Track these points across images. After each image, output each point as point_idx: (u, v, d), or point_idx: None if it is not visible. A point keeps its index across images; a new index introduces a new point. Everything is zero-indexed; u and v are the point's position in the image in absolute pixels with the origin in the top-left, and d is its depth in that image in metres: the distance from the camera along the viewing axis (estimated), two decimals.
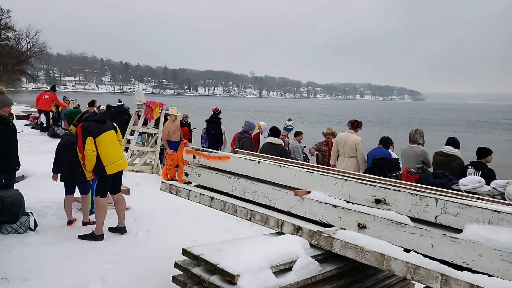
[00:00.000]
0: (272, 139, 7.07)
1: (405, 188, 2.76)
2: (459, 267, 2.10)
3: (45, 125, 14.44)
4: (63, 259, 4.08)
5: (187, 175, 3.83)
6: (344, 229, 2.63)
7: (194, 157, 3.76)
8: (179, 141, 8.77)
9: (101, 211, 4.80)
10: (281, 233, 2.85)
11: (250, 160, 3.34)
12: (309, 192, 2.88)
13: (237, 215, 3.19)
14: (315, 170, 3.28)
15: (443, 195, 2.65)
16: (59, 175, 5.29)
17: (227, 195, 3.42)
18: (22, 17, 49.54)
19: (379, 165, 5.93)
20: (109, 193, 5.00)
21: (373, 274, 3.05)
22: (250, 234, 4.95)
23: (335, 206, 2.70)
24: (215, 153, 3.68)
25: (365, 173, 5.30)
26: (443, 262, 2.16)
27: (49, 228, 5.05)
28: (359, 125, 6.92)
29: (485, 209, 2.14)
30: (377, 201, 2.56)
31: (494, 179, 5.08)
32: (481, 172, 5.33)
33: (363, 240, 2.46)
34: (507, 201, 3.93)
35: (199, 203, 3.52)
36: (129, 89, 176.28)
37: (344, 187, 2.75)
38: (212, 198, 3.38)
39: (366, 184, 2.67)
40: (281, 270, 2.44)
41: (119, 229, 5.05)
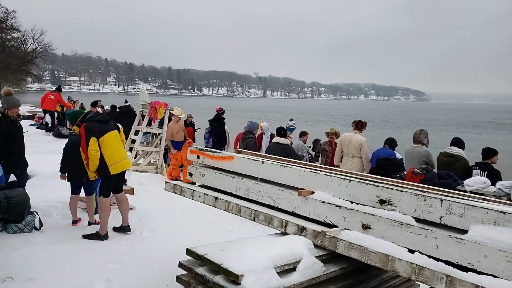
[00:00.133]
0: (279, 139, 7.07)
1: (410, 188, 2.75)
2: (464, 268, 2.10)
3: (50, 125, 14.51)
4: (68, 258, 4.10)
5: (191, 175, 3.84)
6: (348, 229, 2.62)
7: (198, 157, 3.77)
8: (183, 141, 8.78)
9: (105, 211, 4.82)
10: (285, 234, 2.85)
11: (254, 160, 3.34)
12: (313, 192, 2.88)
13: (241, 215, 3.19)
14: (319, 170, 3.28)
15: (448, 196, 2.64)
16: (66, 174, 5.31)
17: (231, 195, 3.42)
18: (27, 17, 49.77)
19: (383, 166, 5.92)
20: (112, 193, 5.01)
21: (377, 274, 3.05)
22: (254, 234, 4.96)
23: (339, 206, 2.69)
24: (219, 153, 3.68)
25: (369, 174, 5.29)
26: (448, 263, 2.15)
27: (54, 227, 5.07)
28: (363, 126, 6.90)
29: (491, 210, 2.13)
30: (382, 202, 2.55)
31: (499, 179, 5.05)
32: (486, 172, 5.30)
33: (367, 240, 2.45)
34: None
35: (203, 203, 3.52)
36: (134, 89, 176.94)
37: (348, 188, 2.74)
38: (216, 198, 3.39)
39: (370, 184, 2.66)
40: (285, 270, 2.44)
41: (123, 228, 5.06)
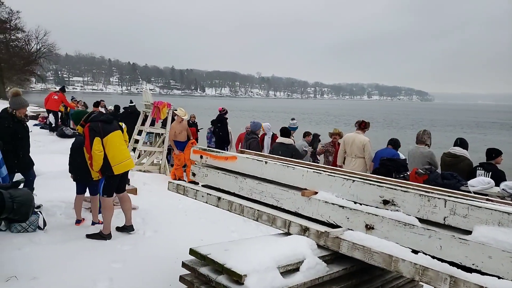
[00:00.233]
0: (283, 139, 7.09)
1: (413, 189, 2.74)
2: (468, 269, 2.09)
3: (53, 125, 14.58)
4: (71, 258, 4.12)
5: (194, 175, 3.85)
6: (351, 230, 2.62)
7: (201, 157, 3.77)
8: (186, 141, 8.80)
9: (108, 210, 4.83)
10: (288, 234, 2.85)
11: (257, 160, 3.34)
12: (316, 192, 2.88)
13: (244, 215, 3.19)
14: (323, 170, 3.27)
15: (451, 196, 2.63)
16: (72, 176, 5.32)
17: (234, 195, 3.42)
18: (31, 18, 49.99)
19: (387, 166, 5.89)
20: (115, 193, 5.03)
21: (380, 275, 3.04)
22: (257, 234, 4.95)
23: (343, 206, 2.69)
24: (222, 153, 3.68)
25: (373, 174, 5.27)
26: (452, 263, 2.14)
27: (57, 227, 5.08)
28: (366, 126, 6.89)
29: (495, 210, 2.12)
30: (385, 202, 2.54)
31: (503, 180, 5.02)
32: (491, 173, 5.27)
33: (370, 241, 2.45)
34: None
35: (206, 203, 3.52)
36: (137, 89, 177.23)
37: (351, 188, 2.74)
38: (219, 198, 3.39)
39: (374, 184, 2.65)
40: (288, 270, 2.44)
41: (127, 228, 5.07)
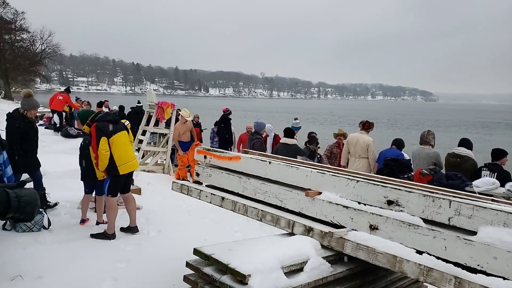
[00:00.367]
0: (286, 140, 7.11)
1: (418, 189, 2.73)
2: (473, 270, 2.08)
3: (58, 125, 14.66)
4: (76, 257, 4.13)
5: (198, 175, 3.85)
6: (355, 230, 2.61)
7: (205, 157, 3.78)
8: (190, 142, 8.87)
9: (112, 210, 4.85)
10: (292, 234, 2.84)
11: (260, 160, 3.34)
12: (320, 193, 2.87)
13: (248, 216, 3.19)
14: (327, 170, 3.27)
15: (456, 197, 2.62)
16: (80, 174, 5.34)
17: (238, 195, 3.42)
18: (36, 19, 50.26)
19: (391, 166, 5.88)
20: (119, 193, 5.04)
21: (384, 275, 3.03)
22: (260, 234, 4.95)
23: (347, 207, 2.68)
24: (226, 153, 3.68)
25: (377, 174, 5.25)
26: (457, 264, 2.13)
27: (62, 226, 5.10)
28: (370, 126, 6.87)
29: (500, 211, 2.11)
30: (389, 202, 2.54)
31: (509, 181, 4.98)
32: (496, 174, 5.24)
33: (374, 241, 2.44)
34: None
35: (210, 203, 3.53)
36: (141, 89, 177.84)
37: (355, 188, 2.73)
38: (223, 198, 3.39)
39: (378, 185, 2.65)
40: (292, 270, 2.43)
41: (131, 228, 5.08)
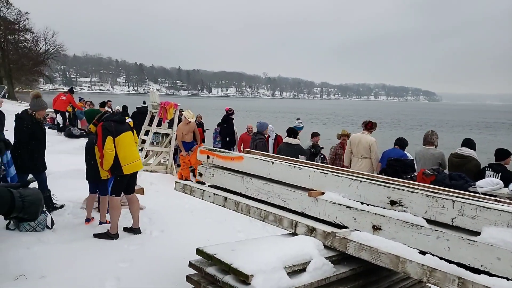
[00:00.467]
0: (289, 140, 7.15)
1: (421, 189, 2.72)
2: (477, 271, 2.07)
3: (61, 125, 14.72)
4: (79, 257, 4.14)
5: (201, 175, 3.86)
6: (358, 230, 2.61)
7: (208, 157, 3.78)
8: (192, 142, 8.94)
9: (115, 210, 4.86)
10: (295, 234, 2.84)
11: (263, 160, 3.34)
12: (323, 193, 2.87)
13: (250, 216, 3.19)
14: (329, 171, 3.26)
15: (460, 197, 2.61)
16: (84, 174, 5.36)
17: (240, 195, 3.42)
18: (40, 19, 50.49)
19: (394, 166, 5.87)
20: (123, 193, 5.05)
21: (387, 276, 3.03)
22: (263, 234, 4.95)
23: (350, 207, 2.68)
24: (229, 153, 3.68)
25: (380, 175, 5.24)
26: (460, 265, 2.12)
27: (65, 226, 5.12)
28: (373, 126, 6.86)
29: (504, 211, 2.10)
30: (392, 203, 2.53)
31: None
32: (500, 174, 5.22)
33: (377, 241, 2.44)
34: None
35: (213, 203, 3.53)
36: (144, 89, 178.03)
37: (358, 188, 2.72)
38: (226, 198, 3.39)
39: (381, 185, 2.64)
40: (295, 271, 2.43)
41: (134, 229, 5.08)
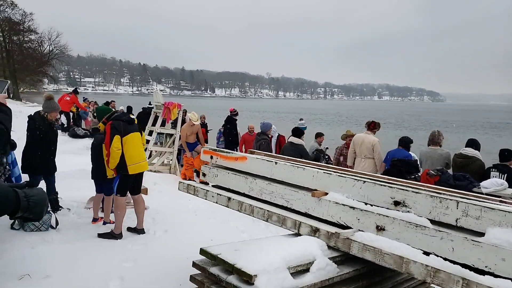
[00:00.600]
0: (293, 139, 7.16)
1: (425, 190, 2.72)
2: (481, 271, 2.06)
3: (65, 125, 14.80)
4: (83, 256, 4.16)
5: (204, 175, 3.86)
6: (362, 231, 2.60)
7: (211, 157, 3.79)
8: (196, 143, 8.97)
9: (120, 210, 4.88)
10: (298, 234, 2.84)
11: (267, 161, 3.34)
12: (326, 193, 2.87)
13: (254, 216, 3.19)
14: (333, 171, 3.26)
15: (464, 198, 2.60)
16: (91, 173, 5.37)
17: (244, 195, 3.42)
18: (44, 20, 50.72)
19: (397, 167, 5.85)
20: (128, 193, 5.07)
21: (391, 276, 3.02)
22: (266, 234, 4.95)
23: (353, 207, 2.67)
24: (232, 153, 3.69)
25: (383, 175, 5.23)
26: (464, 266, 2.12)
27: (69, 226, 5.14)
28: (375, 126, 6.85)
29: (509, 212, 2.09)
30: (396, 203, 2.53)
31: None
32: (506, 175, 5.20)
33: (381, 242, 2.43)
34: None
35: (216, 203, 3.53)
36: (147, 90, 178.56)
37: (362, 189, 2.72)
38: (229, 198, 3.40)
39: (385, 185, 2.64)
40: (298, 271, 2.43)
41: (138, 230, 5.09)
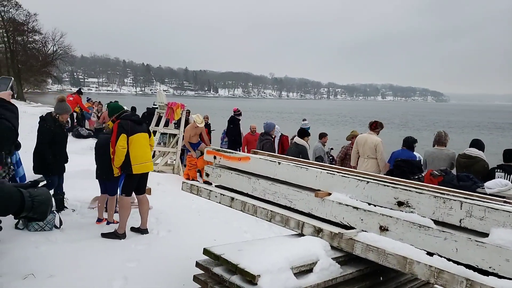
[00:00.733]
0: (296, 140, 7.24)
1: (429, 190, 2.71)
2: (485, 272, 2.05)
3: (69, 126, 14.87)
4: (87, 256, 4.18)
5: (208, 175, 3.87)
6: (365, 231, 2.60)
7: (214, 157, 3.79)
8: (199, 143, 9.00)
9: (125, 209, 4.89)
10: (302, 235, 2.84)
11: (270, 161, 3.34)
12: (330, 193, 2.87)
13: (257, 216, 3.19)
14: (336, 171, 3.26)
15: (468, 198, 2.59)
16: (95, 173, 5.39)
17: (247, 195, 3.43)
18: (48, 20, 50.99)
19: (401, 167, 5.84)
20: (133, 193, 5.08)
21: (394, 277, 3.01)
22: (269, 235, 4.95)
23: (357, 208, 2.67)
24: (236, 153, 3.69)
25: (387, 175, 5.22)
26: (468, 266, 2.11)
27: (73, 226, 5.17)
28: (377, 126, 6.83)
29: None
30: (400, 204, 2.52)
31: None
32: (511, 175, 5.18)
33: (385, 242, 2.43)
34: None
35: (220, 203, 3.54)
36: (151, 90, 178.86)
37: (365, 189, 2.72)
38: (232, 198, 3.40)
39: (388, 186, 2.63)
40: (302, 271, 2.43)
41: (141, 230, 5.11)
